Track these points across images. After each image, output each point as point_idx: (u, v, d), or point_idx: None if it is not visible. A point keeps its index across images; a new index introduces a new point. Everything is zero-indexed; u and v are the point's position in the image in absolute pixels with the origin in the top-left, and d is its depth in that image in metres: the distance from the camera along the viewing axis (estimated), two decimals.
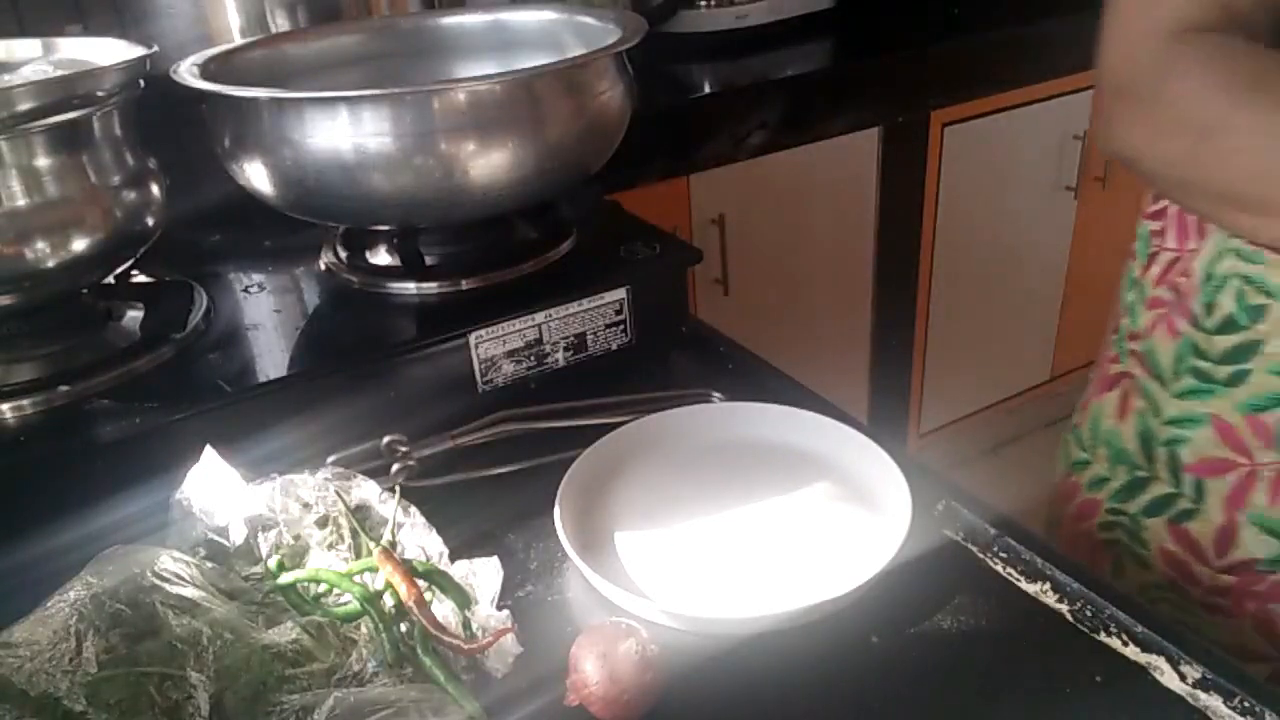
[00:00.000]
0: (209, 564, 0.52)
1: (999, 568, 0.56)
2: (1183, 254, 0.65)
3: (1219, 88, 0.55)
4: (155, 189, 0.71)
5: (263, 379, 0.65)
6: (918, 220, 1.68)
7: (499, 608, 0.51)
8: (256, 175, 0.71)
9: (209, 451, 0.56)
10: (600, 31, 0.80)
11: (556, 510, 0.58)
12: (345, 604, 0.51)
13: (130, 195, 0.68)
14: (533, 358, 0.73)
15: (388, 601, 0.50)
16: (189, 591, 0.48)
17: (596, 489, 0.62)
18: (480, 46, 0.90)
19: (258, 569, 0.54)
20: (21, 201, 0.62)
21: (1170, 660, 0.48)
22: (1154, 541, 0.68)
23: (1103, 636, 0.51)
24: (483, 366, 0.71)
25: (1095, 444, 0.73)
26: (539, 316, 0.72)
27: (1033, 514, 0.79)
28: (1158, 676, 0.48)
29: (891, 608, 0.53)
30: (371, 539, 0.54)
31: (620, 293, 0.75)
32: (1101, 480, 0.72)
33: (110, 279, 0.73)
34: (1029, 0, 1.73)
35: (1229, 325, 0.62)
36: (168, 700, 0.45)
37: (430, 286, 0.75)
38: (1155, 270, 0.68)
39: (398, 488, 0.57)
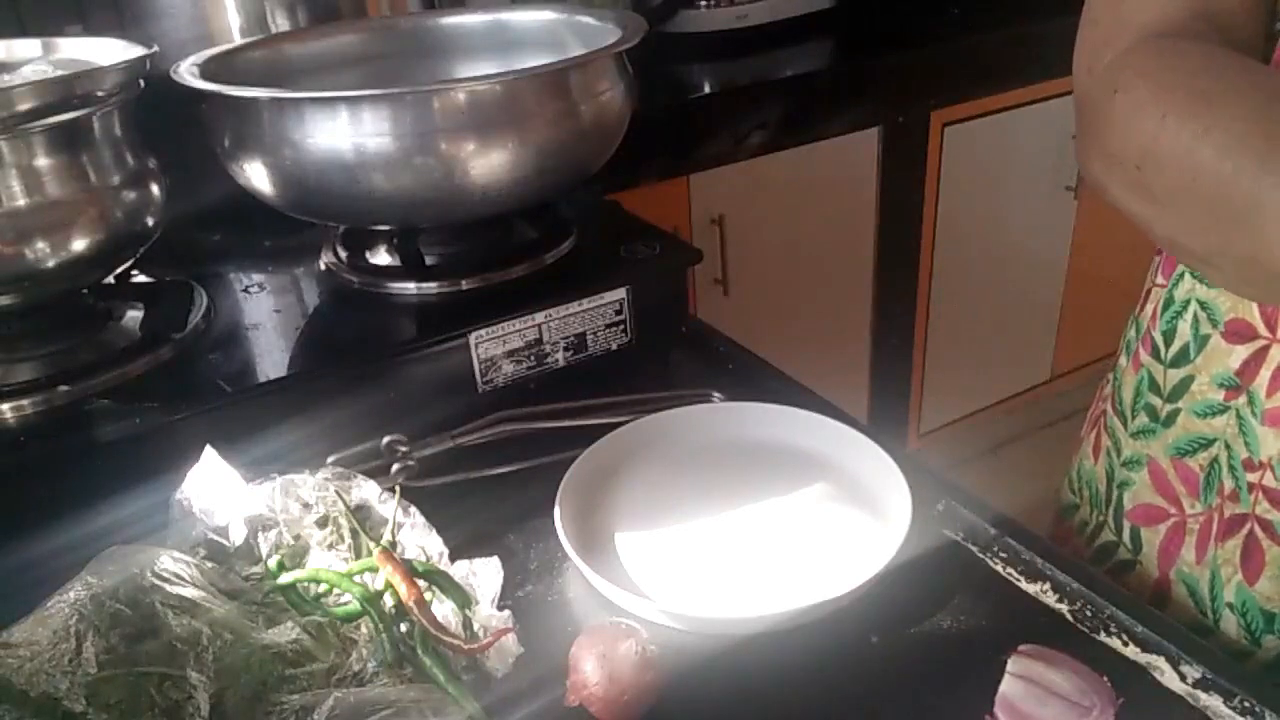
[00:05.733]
0: (209, 564, 0.52)
1: (999, 568, 0.56)
2: (1166, 288, 0.61)
3: (1153, 107, 0.46)
4: (155, 189, 0.71)
5: (263, 379, 0.65)
6: (918, 220, 1.68)
7: (499, 608, 0.51)
8: (256, 175, 0.71)
9: (209, 451, 0.56)
10: (600, 31, 0.80)
11: (556, 510, 0.58)
12: (345, 604, 0.51)
13: (130, 195, 0.68)
14: (533, 358, 0.73)
15: (388, 601, 0.50)
16: (189, 591, 0.48)
17: (596, 489, 0.62)
18: (480, 46, 0.90)
19: (258, 569, 0.54)
20: (21, 201, 0.62)
21: (1170, 660, 0.48)
22: None
23: (1103, 636, 0.50)
24: (483, 366, 0.71)
25: (1080, 486, 0.69)
26: (539, 316, 0.72)
27: (1033, 514, 0.78)
28: (1158, 676, 0.48)
29: (891, 608, 0.53)
30: (371, 539, 0.54)
31: (620, 293, 0.75)
32: (1084, 524, 0.68)
33: (110, 279, 0.73)
34: (1029, 0, 1.73)
35: (1182, 357, 0.57)
36: (168, 700, 0.45)
37: (430, 286, 0.75)
38: (1149, 307, 0.63)
39: (398, 488, 0.57)
